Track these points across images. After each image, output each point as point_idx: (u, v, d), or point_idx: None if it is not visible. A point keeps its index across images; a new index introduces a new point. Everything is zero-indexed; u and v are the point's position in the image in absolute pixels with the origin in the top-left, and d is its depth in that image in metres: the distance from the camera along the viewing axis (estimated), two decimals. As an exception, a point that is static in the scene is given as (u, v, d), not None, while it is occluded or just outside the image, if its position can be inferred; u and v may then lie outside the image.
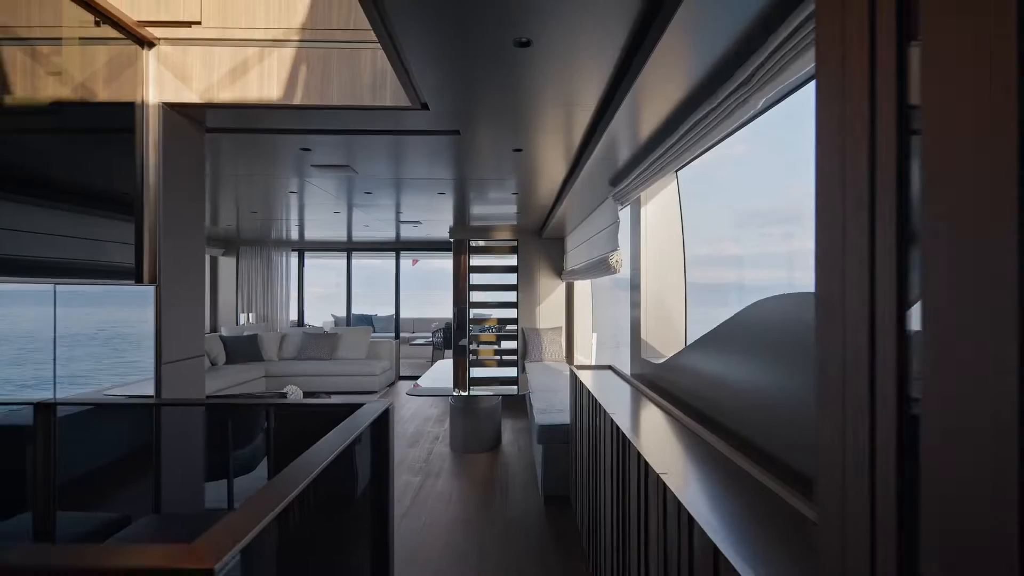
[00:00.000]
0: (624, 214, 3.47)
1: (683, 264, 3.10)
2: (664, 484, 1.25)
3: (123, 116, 2.11)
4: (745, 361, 1.60)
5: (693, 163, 2.88)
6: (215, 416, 3.29)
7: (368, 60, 2.14)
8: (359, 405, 1.59)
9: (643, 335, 3.10)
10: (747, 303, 1.69)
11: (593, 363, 6.33)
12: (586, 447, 2.76)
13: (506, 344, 6.79)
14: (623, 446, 1.83)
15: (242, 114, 2.33)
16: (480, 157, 2.98)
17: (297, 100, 2.16)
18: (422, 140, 2.66)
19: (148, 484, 2.15)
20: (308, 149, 2.84)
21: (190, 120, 2.30)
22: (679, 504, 1.14)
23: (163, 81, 2.15)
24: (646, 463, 1.44)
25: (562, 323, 6.58)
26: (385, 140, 2.69)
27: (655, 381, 2.73)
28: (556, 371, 5.52)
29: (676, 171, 3.08)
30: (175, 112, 2.20)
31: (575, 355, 6.52)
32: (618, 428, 1.86)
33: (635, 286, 3.23)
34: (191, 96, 2.16)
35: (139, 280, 2.11)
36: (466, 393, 5.03)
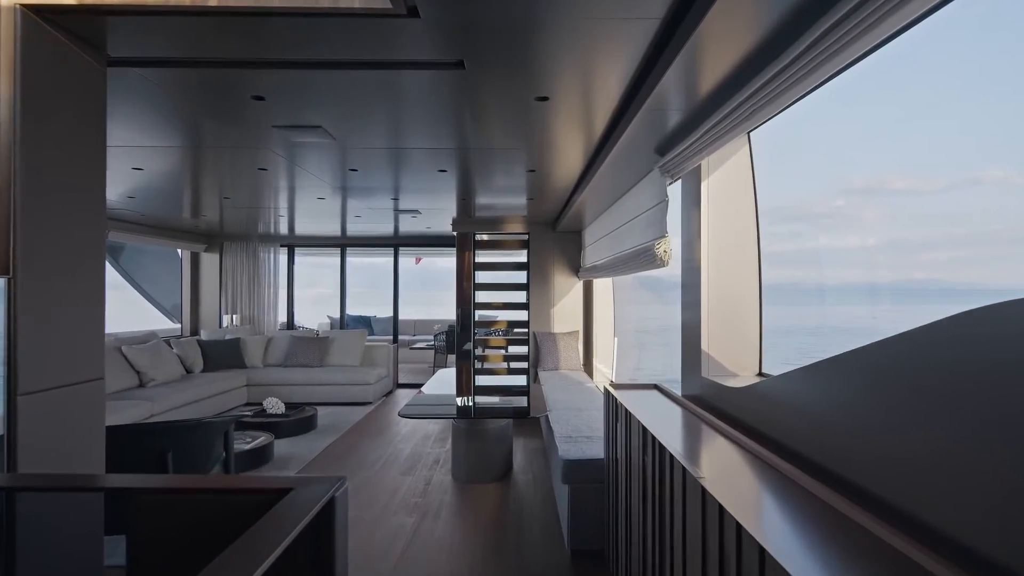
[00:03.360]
0: (672, 192, 2.75)
1: (757, 252, 2.38)
2: None
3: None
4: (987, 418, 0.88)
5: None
6: (142, 444, 2.58)
7: (326, -63, 1.42)
8: (285, 491, 0.88)
9: (704, 346, 2.37)
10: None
11: (614, 371, 5.60)
12: (636, 495, 2.04)
13: (516, 349, 6.08)
14: (724, 531, 1.11)
15: (152, 34, 1.63)
16: (492, 108, 2.25)
17: (218, 1, 1.44)
18: (414, 79, 1.95)
19: None
20: (261, 98, 2.12)
21: (74, 40, 1.59)
22: None
23: (21, -28, 1.44)
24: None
25: (579, 327, 5.86)
26: (363, 82, 1.98)
27: (732, 412, 2.00)
28: (575, 382, 4.80)
29: (748, 132, 2.37)
30: (43, 22, 1.49)
31: (594, 363, 5.79)
32: (723, 511, 1.14)
33: (690, 284, 2.50)
34: (65, -4, 1.46)
35: (-19, 270, 1.40)
36: (470, 403, 4.33)
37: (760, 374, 2.36)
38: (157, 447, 2.53)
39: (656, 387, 2.64)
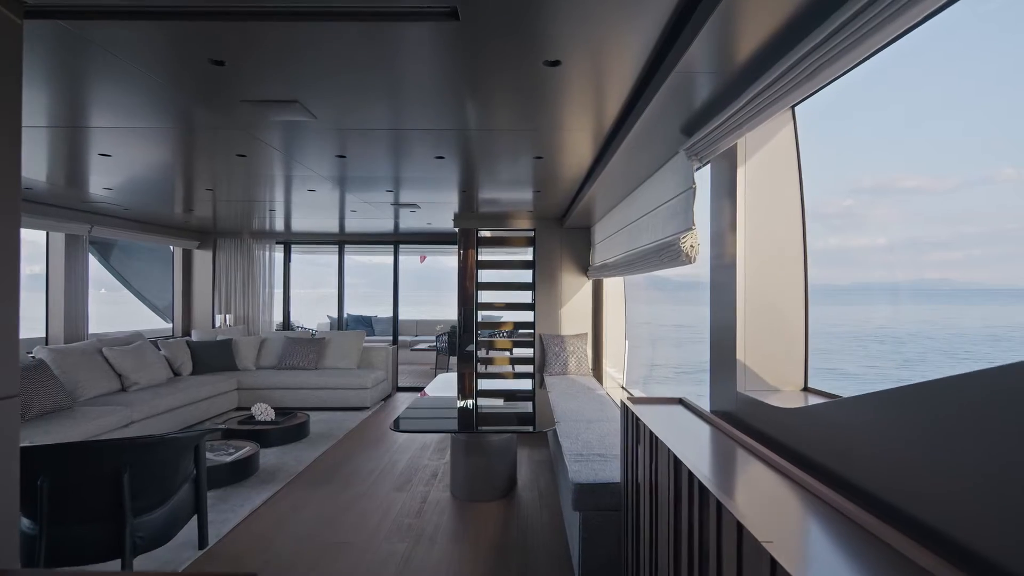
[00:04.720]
0: (700, 178, 2.41)
1: (802, 247, 2.04)
2: None
3: None
4: None
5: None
6: (95, 463, 2.27)
7: None
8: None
9: (739, 355, 2.04)
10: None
11: (624, 375, 5.26)
12: (664, 534, 1.71)
13: (521, 352, 5.76)
14: None
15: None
16: (494, 76, 1.92)
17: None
18: (402, 38, 1.62)
19: None
20: (221, 62, 1.81)
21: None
22: None
23: None
24: None
25: (588, 329, 5.52)
26: (341, 42, 1.66)
27: (778, 437, 1.67)
28: (584, 388, 4.46)
29: (793, 106, 2.03)
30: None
31: (604, 367, 5.45)
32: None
33: (721, 283, 2.17)
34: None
35: None
36: (472, 411, 4.02)
37: (806, 389, 2.03)
38: (111, 466, 2.22)
39: (681, 401, 2.31)
